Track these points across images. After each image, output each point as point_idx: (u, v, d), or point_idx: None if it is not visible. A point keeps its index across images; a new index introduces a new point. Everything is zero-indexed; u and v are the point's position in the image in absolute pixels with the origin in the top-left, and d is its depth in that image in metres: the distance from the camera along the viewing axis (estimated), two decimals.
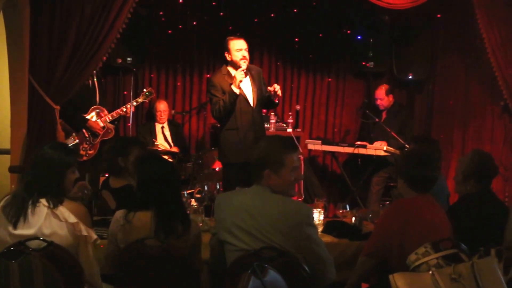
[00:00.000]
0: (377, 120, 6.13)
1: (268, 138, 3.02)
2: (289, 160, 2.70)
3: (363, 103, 6.60)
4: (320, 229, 3.44)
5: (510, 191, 5.56)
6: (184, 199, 3.58)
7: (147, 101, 5.93)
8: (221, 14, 6.52)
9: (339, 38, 6.75)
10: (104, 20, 4.48)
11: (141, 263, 2.65)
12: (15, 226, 2.66)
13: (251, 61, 4.98)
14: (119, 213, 2.80)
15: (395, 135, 5.83)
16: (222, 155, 4.81)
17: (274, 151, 2.71)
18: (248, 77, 4.67)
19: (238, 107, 4.62)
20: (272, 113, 6.28)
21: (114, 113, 5.46)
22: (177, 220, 2.73)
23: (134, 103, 5.71)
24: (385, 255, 2.89)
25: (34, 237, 2.60)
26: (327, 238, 3.34)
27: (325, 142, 6.26)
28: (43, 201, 2.69)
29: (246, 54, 4.63)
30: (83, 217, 2.76)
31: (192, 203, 3.79)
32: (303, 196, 5.87)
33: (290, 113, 6.56)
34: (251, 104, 4.68)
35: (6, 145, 4.71)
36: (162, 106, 6.26)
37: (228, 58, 4.68)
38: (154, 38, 6.51)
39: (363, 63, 6.64)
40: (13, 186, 4.38)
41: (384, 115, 6.25)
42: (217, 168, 5.83)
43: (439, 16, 6.34)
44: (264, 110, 5.56)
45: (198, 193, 3.93)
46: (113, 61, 5.94)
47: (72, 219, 2.68)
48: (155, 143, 6.11)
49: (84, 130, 5.29)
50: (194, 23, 6.56)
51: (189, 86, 6.77)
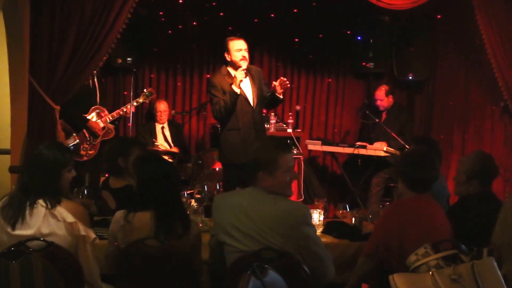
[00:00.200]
0: (377, 120, 6.13)
1: (261, 140, 3.02)
2: (283, 161, 2.69)
3: (363, 103, 6.59)
4: (320, 229, 3.44)
5: (510, 191, 5.55)
6: (184, 200, 3.58)
7: (147, 101, 5.92)
8: (221, 14, 6.53)
9: (339, 39, 6.74)
10: (104, 20, 4.48)
11: (141, 263, 2.64)
12: (13, 227, 2.65)
13: (251, 61, 4.97)
14: (119, 214, 2.80)
15: (395, 136, 5.83)
16: (223, 155, 4.79)
17: (267, 153, 2.70)
18: (248, 77, 4.66)
19: (239, 108, 4.61)
20: (272, 114, 6.27)
21: (114, 113, 5.45)
22: (177, 220, 2.73)
23: (134, 103, 5.71)
24: (385, 256, 2.89)
25: (34, 238, 2.60)
26: (327, 239, 3.33)
27: (325, 142, 6.26)
28: (41, 201, 2.68)
29: (246, 54, 4.61)
30: (81, 217, 2.75)
31: (192, 204, 3.79)
32: (303, 197, 5.88)
33: (290, 113, 6.55)
34: (252, 104, 4.67)
35: (6, 145, 4.71)
36: (162, 106, 6.26)
37: (228, 59, 4.67)
38: (154, 38, 6.51)
39: (363, 64, 6.64)
40: (13, 186, 4.38)
41: (384, 115, 6.25)
42: (217, 169, 5.82)
43: (439, 16, 6.33)
44: (264, 110, 5.55)
45: (198, 193, 3.92)
46: (113, 61, 5.94)
47: (70, 218, 2.67)
48: (155, 143, 6.11)
49: (84, 130, 5.28)
50: (194, 23, 6.57)
51: (189, 86, 6.77)
